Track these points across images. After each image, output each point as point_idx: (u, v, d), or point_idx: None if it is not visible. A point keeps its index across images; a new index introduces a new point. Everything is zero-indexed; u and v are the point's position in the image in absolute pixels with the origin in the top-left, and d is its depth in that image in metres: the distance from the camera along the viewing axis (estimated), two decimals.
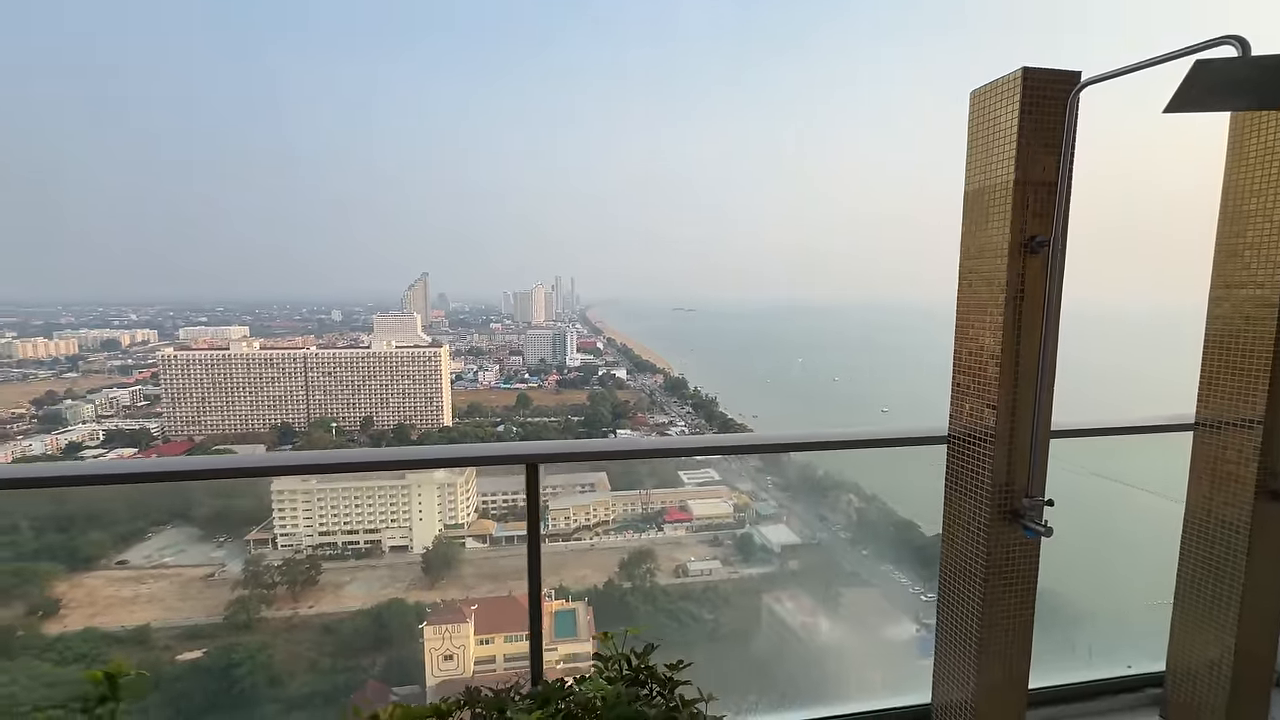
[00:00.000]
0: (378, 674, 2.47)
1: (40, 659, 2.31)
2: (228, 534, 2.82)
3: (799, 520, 2.80)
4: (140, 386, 38.19)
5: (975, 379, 1.95)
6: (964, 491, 2.03)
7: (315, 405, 36.91)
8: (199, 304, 65.49)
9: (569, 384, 44.99)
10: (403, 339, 42.41)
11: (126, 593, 2.55)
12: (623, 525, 2.89)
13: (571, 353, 50.27)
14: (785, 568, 2.84)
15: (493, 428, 37.25)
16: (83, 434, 32.01)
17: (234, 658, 2.37)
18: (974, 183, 1.93)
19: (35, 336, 43.22)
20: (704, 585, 2.75)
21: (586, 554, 2.86)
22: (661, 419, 39.63)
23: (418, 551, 2.81)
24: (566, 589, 2.61)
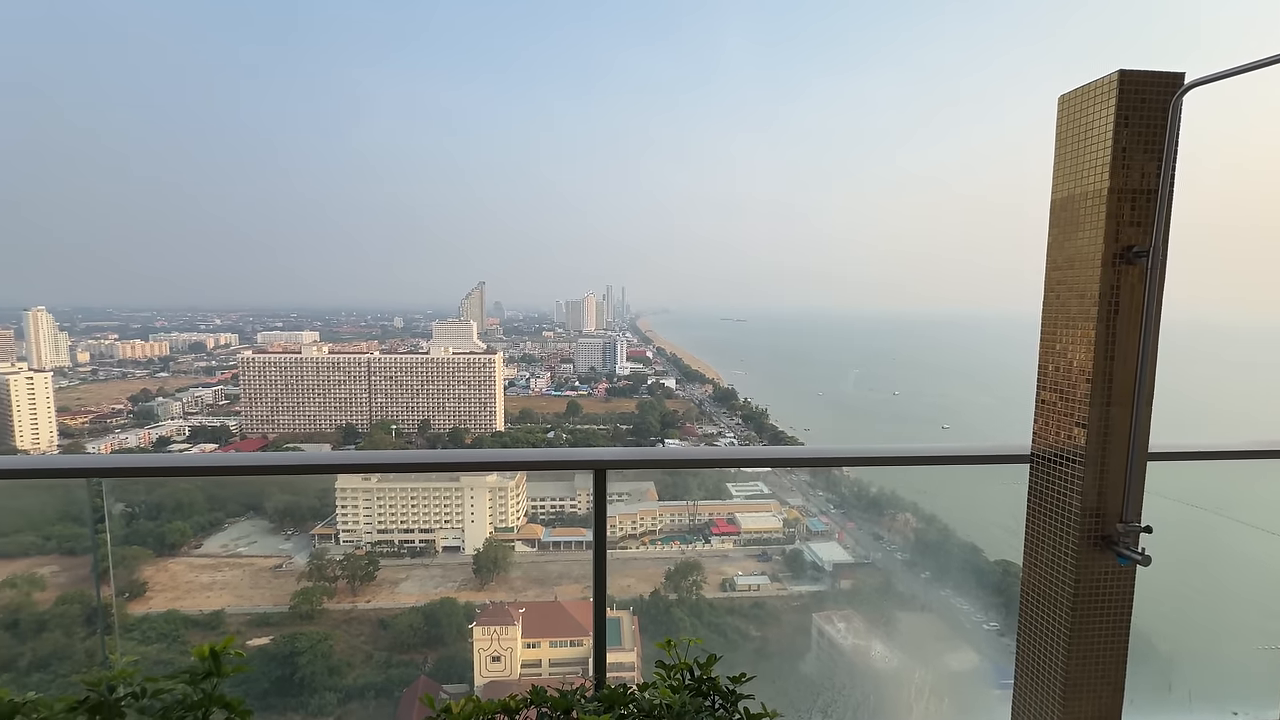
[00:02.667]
0: (429, 670, 2.54)
1: (126, 638, 2.50)
2: (295, 528, 2.98)
3: (852, 538, 2.71)
4: (222, 386, 41.03)
5: (1063, 396, 1.85)
6: (1049, 514, 1.92)
7: (377, 408, 38.60)
8: (276, 310, 69.76)
9: (618, 392, 45.30)
10: (459, 346, 43.86)
11: (204, 579, 2.74)
12: (669, 536, 2.87)
13: (621, 361, 50.64)
14: (837, 586, 2.75)
15: (543, 433, 37.90)
16: (171, 429, 34.64)
17: (298, 646, 2.49)
18: (1062, 190, 1.85)
19: (133, 339, 47.22)
20: (751, 600, 2.70)
21: (631, 563, 2.86)
22: (710, 430, 39.28)
23: (469, 552, 2.89)
24: (612, 597, 2.62)
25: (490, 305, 64.58)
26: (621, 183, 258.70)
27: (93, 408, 36.43)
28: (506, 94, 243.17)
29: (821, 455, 2.60)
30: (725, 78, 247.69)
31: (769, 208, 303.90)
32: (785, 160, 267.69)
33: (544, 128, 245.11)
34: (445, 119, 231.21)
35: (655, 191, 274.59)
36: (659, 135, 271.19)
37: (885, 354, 67.80)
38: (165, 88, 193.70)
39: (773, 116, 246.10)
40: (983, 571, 2.54)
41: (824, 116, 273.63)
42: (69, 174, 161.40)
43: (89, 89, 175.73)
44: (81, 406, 36.38)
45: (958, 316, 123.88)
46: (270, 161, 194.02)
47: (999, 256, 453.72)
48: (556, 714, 1.31)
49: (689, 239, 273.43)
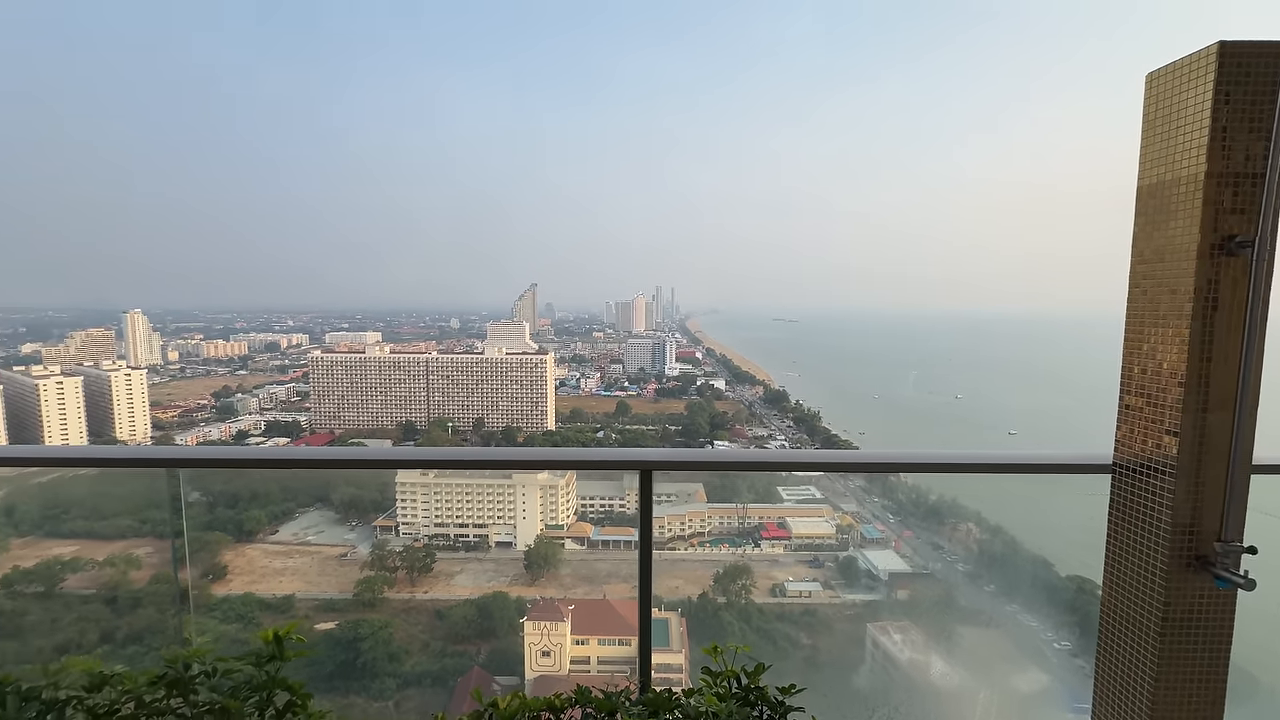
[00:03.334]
0: (482, 662, 2.61)
1: (208, 616, 2.69)
2: (359, 519, 3.13)
3: (910, 547, 2.60)
4: (294, 384, 43.55)
5: (1151, 401, 1.70)
6: (1134, 530, 1.77)
7: (435, 405, 40.02)
8: (343, 311, 73.36)
9: (667, 393, 45.28)
10: (512, 346, 44.92)
11: (277, 565, 2.91)
12: (718, 538, 2.85)
13: (670, 362, 50.60)
14: (893, 596, 2.65)
15: (593, 433, 38.32)
16: (248, 424, 37.03)
17: (360, 632, 2.61)
18: (1150, 176, 1.70)
19: (217, 339, 50.77)
20: (802, 607, 2.63)
21: (680, 564, 2.85)
22: (760, 432, 38.69)
23: (520, 548, 2.95)
24: (659, 598, 2.62)
25: (542, 306, 65.81)
26: (670, 183, 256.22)
27: (180, 402, 39.42)
28: (557, 101, 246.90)
29: (875, 460, 2.50)
30: (773, 73, 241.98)
31: (820, 205, 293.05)
32: (836, 156, 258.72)
33: (596, 131, 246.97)
34: (500, 124, 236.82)
35: (703, 191, 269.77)
36: (705, 134, 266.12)
37: (946, 355, 64.87)
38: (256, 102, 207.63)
39: (821, 111, 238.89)
40: (1054, 588, 2.39)
41: (877, 109, 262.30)
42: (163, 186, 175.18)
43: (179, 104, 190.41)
44: (171, 401, 39.42)
45: (1025, 315, 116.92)
46: (340, 169, 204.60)
47: (1071, 251, 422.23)
48: (601, 715, 1.31)
49: (738, 238, 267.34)
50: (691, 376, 48.28)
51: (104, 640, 2.58)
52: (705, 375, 49.06)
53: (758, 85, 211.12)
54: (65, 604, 2.64)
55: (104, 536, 2.81)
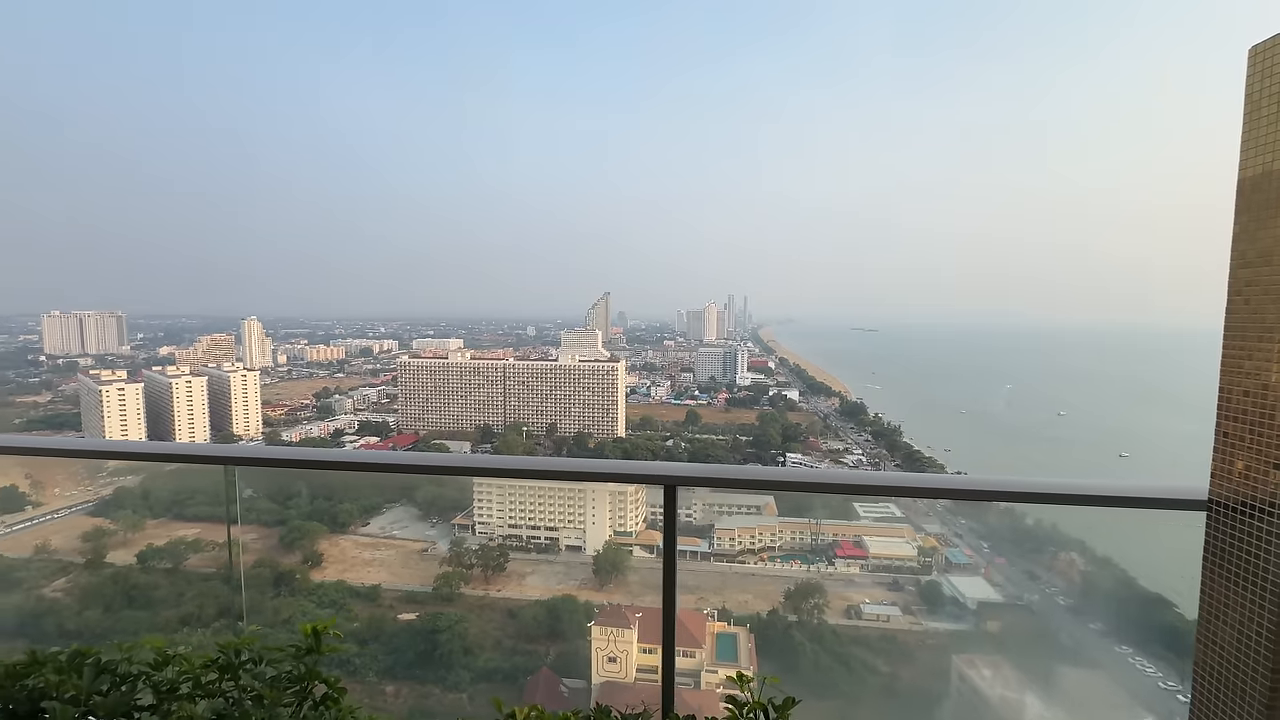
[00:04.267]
0: (550, 662, 2.66)
1: (307, 599, 2.91)
2: (439, 517, 3.29)
3: (1001, 575, 2.41)
4: (384, 387, 46.56)
5: (1254, 428, 1.48)
6: (1234, 580, 1.53)
7: (511, 410, 41.50)
8: (429, 319, 77.70)
9: (738, 403, 44.59)
10: (585, 354, 45.85)
11: (366, 555, 3.11)
12: (789, 554, 2.76)
13: (742, 371, 49.85)
14: (982, 627, 2.46)
15: (662, 441, 38.34)
16: (344, 423, 39.93)
17: (438, 624, 2.74)
18: (1254, 166, 1.48)
19: (319, 344, 55.26)
20: (879, 632, 2.50)
21: (749, 578, 2.79)
22: (835, 445, 37.25)
23: (589, 553, 2.99)
24: (729, 611, 2.57)
25: (614, 315, 66.79)
26: (745, 191, 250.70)
27: (287, 402, 43.11)
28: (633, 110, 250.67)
29: (925, 485, 2.30)
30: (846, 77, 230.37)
31: (901, 211, 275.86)
32: (917, 161, 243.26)
33: (671, 139, 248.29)
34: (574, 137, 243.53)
35: (779, 198, 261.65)
36: (779, 140, 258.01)
37: (1045, 369, 59.83)
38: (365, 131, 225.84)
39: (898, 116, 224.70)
40: (1177, 631, 2.13)
41: (956, 113, 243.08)
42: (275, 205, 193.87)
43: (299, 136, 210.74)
44: (279, 400, 43.20)
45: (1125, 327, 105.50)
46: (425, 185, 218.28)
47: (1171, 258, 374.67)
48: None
49: (815, 246, 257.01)
50: (764, 386, 47.31)
51: (220, 615, 2.86)
52: (778, 385, 47.93)
53: (831, 90, 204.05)
54: (188, 580, 2.95)
55: (222, 520, 3.11)
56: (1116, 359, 64.01)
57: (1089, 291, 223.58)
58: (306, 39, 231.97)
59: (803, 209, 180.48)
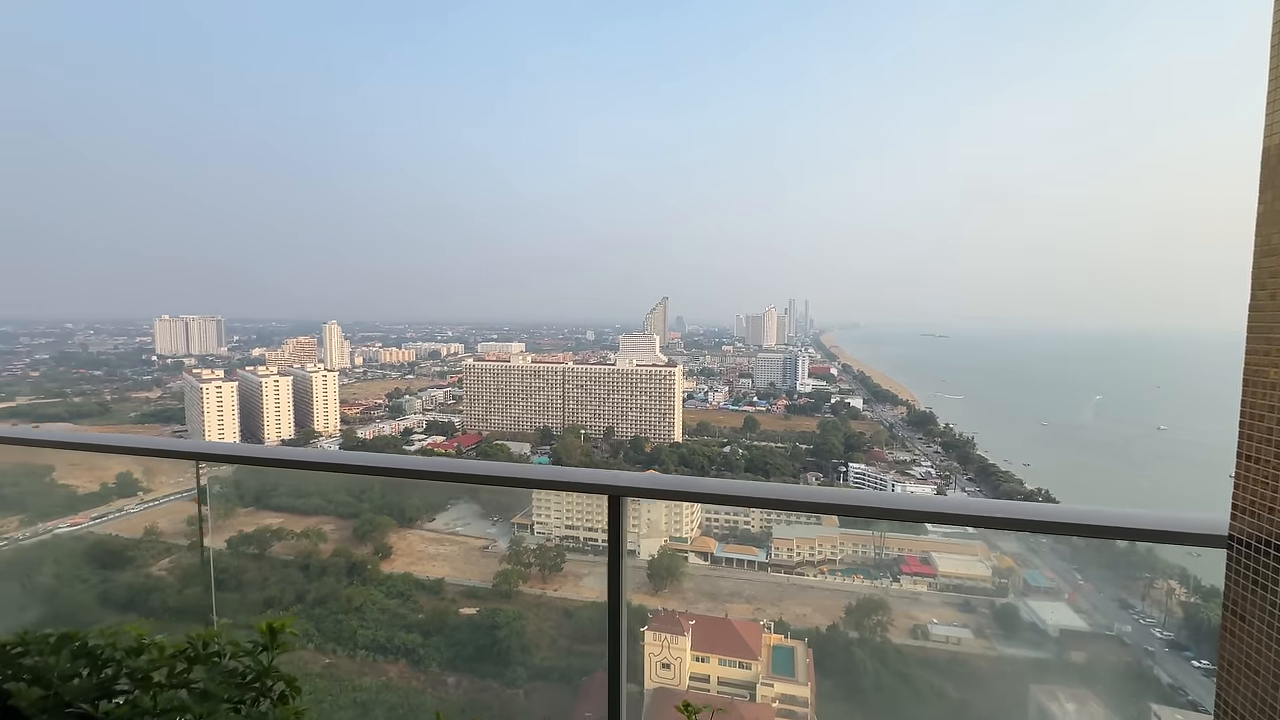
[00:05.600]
0: (605, 665, 2.68)
1: (377, 588, 3.06)
2: (500, 515, 3.38)
3: (1088, 601, 2.23)
4: (451, 388, 48.51)
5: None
6: (1255, 630, 1.30)
7: (569, 413, 42.24)
8: (493, 323, 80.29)
9: (798, 410, 43.50)
10: (642, 358, 46.09)
11: (431, 550, 3.24)
12: (851, 568, 2.66)
13: (802, 378, 48.64)
14: (1065, 658, 2.28)
15: (719, 447, 37.94)
16: (413, 422, 41.86)
17: (497, 620, 2.81)
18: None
19: (391, 346, 58.26)
20: (948, 655, 2.36)
21: (808, 590, 2.71)
22: (902, 456, 35.67)
23: (644, 557, 2.99)
24: (786, 624, 2.50)
25: (672, 320, 66.80)
26: (807, 193, 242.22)
27: (362, 401, 45.67)
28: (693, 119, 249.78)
29: (890, 506, 2.04)
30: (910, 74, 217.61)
31: (974, 211, 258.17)
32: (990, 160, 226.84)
33: (729, 141, 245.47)
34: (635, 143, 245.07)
35: (844, 199, 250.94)
36: (841, 140, 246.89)
37: (1144, 378, 54.98)
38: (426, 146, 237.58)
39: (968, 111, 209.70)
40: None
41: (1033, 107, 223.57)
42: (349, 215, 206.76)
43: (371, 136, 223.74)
44: (355, 400, 45.83)
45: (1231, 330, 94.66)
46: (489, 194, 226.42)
47: None
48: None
49: (881, 249, 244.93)
50: (825, 394, 45.94)
51: (297, 600, 3.05)
52: (840, 393, 46.40)
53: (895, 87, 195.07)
54: (272, 566, 3.17)
55: (302, 511, 3.33)
56: (1222, 371, 58.04)
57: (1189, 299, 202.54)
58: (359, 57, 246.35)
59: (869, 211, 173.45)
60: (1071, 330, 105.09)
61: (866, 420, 41.48)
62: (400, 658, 2.93)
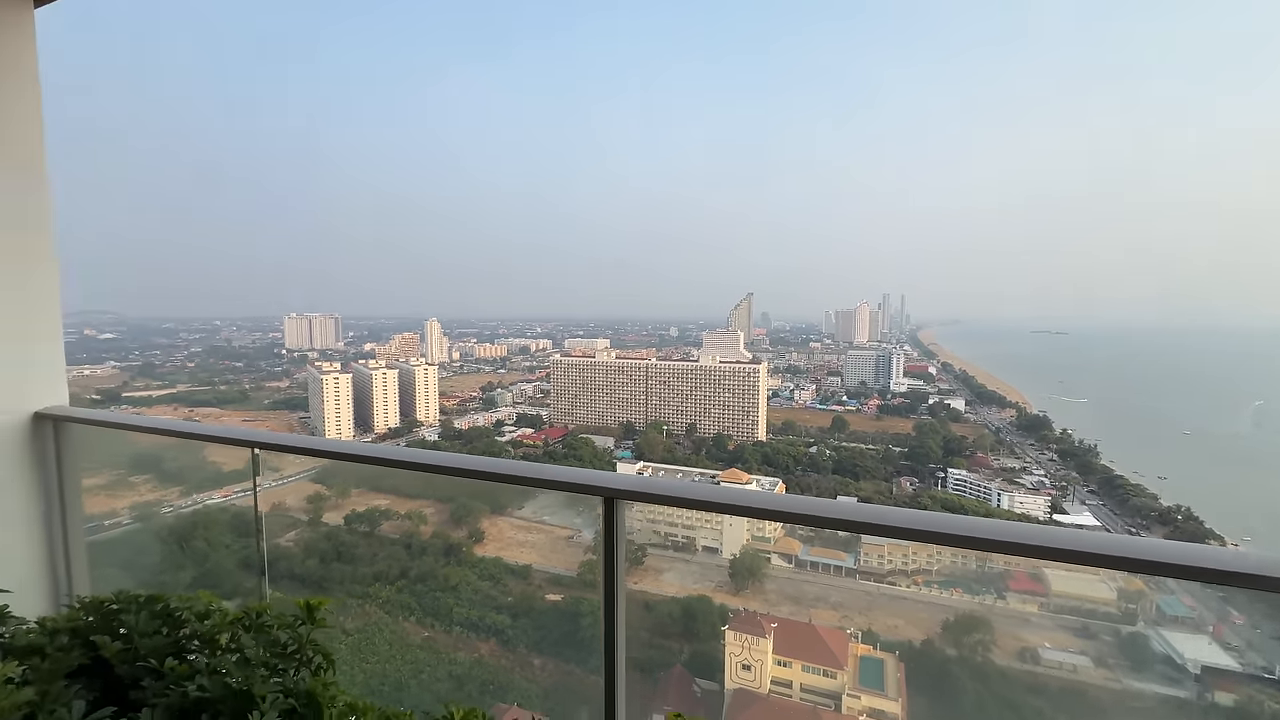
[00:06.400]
0: (684, 660, 2.68)
1: (469, 571, 3.25)
2: (584, 505, 3.48)
3: (1238, 636, 1.94)
4: (539, 383, 50.44)
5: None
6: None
7: (652, 409, 42.60)
8: (580, 320, 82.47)
9: (891, 410, 41.23)
10: (726, 355, 45.55)
11: (520, 537, 3.39)
12: (949, 579, 2.49)
13: (897, 377, 46.04)
14: (1208, 699, 2.01)
15: (805, 447, 36.79)
16: (504, 415, 43.97)
17: (580, 609, 2.89)
18: None
19: (485, 342, 61.45)
20: (1062, 683, 2.15)
21: (900, 601, 2.56)
22: (1011, 463, 32.84)
23: (726, 555, 2.96)
24: (875, 635, 2.39)
25: (757, 316, 65.41)
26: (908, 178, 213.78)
27: (458, 394, 48.57)
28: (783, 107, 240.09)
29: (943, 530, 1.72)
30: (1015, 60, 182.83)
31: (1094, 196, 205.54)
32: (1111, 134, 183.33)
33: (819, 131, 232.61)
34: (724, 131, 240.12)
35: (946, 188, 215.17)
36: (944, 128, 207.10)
37: None
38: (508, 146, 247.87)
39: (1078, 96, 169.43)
40: None
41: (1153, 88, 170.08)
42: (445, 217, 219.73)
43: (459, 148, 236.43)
44: (452, 392, 48.81)
45: None
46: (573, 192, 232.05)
47: None
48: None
49: (989, 237, 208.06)
50: (922, 394, 43.14)
51: (401, 575, 3.30)
52: (939, 393, 43.38)
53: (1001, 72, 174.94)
54: (380, 543, 3.45)
55: (406, 494, 3.60)
56: None
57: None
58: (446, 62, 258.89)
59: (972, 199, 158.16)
60: (1225, 325, 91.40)
61: (969, 423, 38.59)
62: (491, 637, 3.09)
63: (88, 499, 3.42)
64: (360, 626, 3.18)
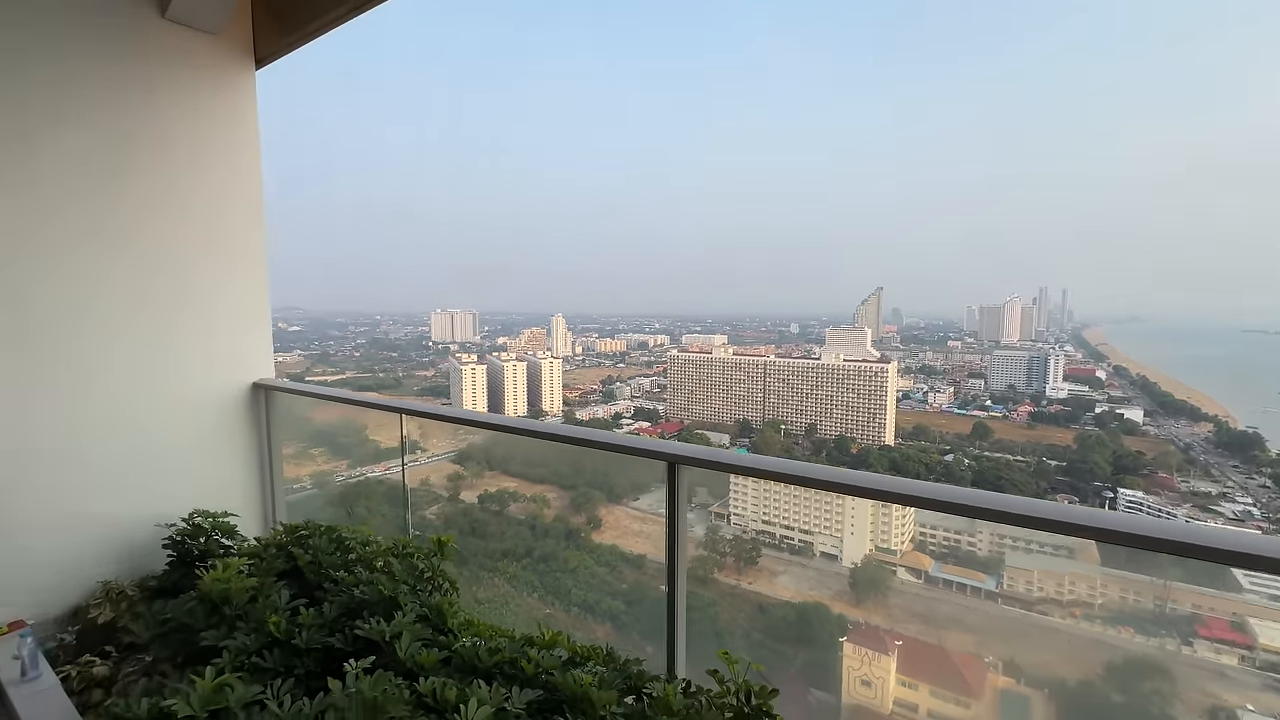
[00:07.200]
0: (799, 667, 2.60)
1: (587, 556, 3.40)
2: (697, 502, 3.49)
3: None
4: (656, 378, 51.28)
5: None
6: None
7: (769, 408, 41.52)
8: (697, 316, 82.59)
9: (1046, 418, 36.44)
10: (851, 353, 43.10)
11: (635, 527, 3.48)
12: (1117, 617, 2.17)
13: (1054, 380, 40.61)
14: None
15: (940, 455, 33.78)
16: (622, 408, 45.28)
17: (692, 603, 2.91)
18: None
19: (605, 337, 63.71)
20: None
21: (1053, 634, 2.27)
22: (1205, 487, 27.62)
23: (846, 564, 2.82)
24: (1019, 668, 2.14)
25: (888, 312, 61.01)
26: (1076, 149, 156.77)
27: (580, 387, 50.81)
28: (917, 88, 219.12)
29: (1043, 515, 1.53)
30: (1221, 15, 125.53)
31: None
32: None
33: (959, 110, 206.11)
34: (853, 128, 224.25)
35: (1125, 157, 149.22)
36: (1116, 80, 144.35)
37: None
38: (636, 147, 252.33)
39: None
40: None
41: None
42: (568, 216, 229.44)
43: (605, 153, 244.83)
44: (575, 385, 51.19)
45: None
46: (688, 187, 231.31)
47: None
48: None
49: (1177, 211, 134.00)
50: (1087, 401, 37.61)
51: (526, 555, 3.54)
52: (1110, 401, 37.57)
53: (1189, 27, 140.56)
54: (507, 522, 3.72)
55: (531, 479, 3.84)
56: None
57: None
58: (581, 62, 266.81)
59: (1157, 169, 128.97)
60: None
61: (1149, 438, 32.99)
62: (606, 621, 3.22)
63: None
64: (489, 597, 3.46)
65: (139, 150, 3.52)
